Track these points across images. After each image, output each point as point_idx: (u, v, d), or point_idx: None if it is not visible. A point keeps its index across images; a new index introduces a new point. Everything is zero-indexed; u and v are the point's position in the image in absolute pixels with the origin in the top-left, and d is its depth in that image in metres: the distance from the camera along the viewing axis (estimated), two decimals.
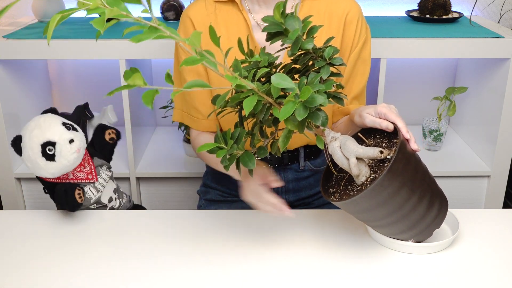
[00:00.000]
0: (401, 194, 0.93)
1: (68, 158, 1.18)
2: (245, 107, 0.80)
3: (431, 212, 0.99)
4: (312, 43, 0.92)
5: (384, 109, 1.01)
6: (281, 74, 0.82)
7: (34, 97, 2.02)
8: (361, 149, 0.92)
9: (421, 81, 2.19)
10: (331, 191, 1.02)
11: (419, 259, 1.04)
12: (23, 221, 1.20)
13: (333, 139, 0.95)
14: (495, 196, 1.95)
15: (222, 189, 1.43)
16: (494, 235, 1.12)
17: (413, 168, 0.95)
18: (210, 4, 1.26)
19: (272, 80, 0.81)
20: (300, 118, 0.81)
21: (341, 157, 0.93)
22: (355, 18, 1.25)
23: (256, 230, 1.14)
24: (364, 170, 0.94)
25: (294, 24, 0.92)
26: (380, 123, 1.00)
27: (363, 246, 1.08)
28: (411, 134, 0.98)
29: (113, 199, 1.30)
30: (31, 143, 1.16)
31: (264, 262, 1.04)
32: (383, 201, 0.92)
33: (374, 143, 1.02)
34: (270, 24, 0.93)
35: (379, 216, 0.96)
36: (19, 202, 1.94)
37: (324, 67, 0.94)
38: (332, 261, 1.04)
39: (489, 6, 2.12)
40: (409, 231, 1.01)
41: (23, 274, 1.02)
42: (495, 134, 1.85)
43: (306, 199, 1.41)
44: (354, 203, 0.93)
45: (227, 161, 0.91)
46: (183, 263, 1.04)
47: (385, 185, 0.90)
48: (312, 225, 1.15)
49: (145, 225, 1.18)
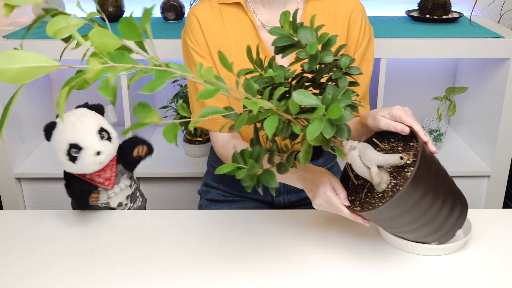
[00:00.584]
0: (426, 199, 0.91)
1: (88, 168, 1.15)
2: (266, 129, 0.75)
3: (454, 213, 0.98)
4: (331, 55, 0.87)
5: (399, 112, 0.99)
6: (303, 90, 0.78)
7: (34, 97, 2.02)
8: (381, 157, 0.90)
9: (421, 81, 2.19)
10: (350, 199, 1.00)
11: (428, 260, 1.03)
12: (23, 221, 1.20)
13: (351, 148, 0.92)
14: (495, 196, 1.95)
15: (223, 188, 1.43)
16: (495, 235, 1.12)
17: (435, 171, 0.94)
18: (215, 6, 1.25)
19: (294, 97, 0.77)
20: (329, 136, 0.77)
21: (361, 166, 0.91)
22: (359, 17, 1.25)
23: (257, 231, 1.14)
24: (385, 177, 0.92)
25: (308, 35, 0.87)
26: (396, 126, 0.97)
27: (371, 246, 1.08)
28: (428, 136, 0.96)
29: (123, 204, 1.27)
30: (60, 138, 1.14)
31: (265, 263, 1.04)
32: (408, 208, 0.91)
33: (389, 147, 1.00)
34: (280, 37, 0.88)
35: (404, 223, 0.95)
36: (19, 202, 1.94)
37: (341, 78, 0.90)
38: (338, 261, 1.04)
39: (489, 6, 2.12)
40: (433, 234, 1.00)
41: (23, 274, 1.02)
42: (495, 134, 1.85)
43: (308, 199, 1.41)
44: (379, 213, 0.91)
45: (248, 181, 0.86)
46: (183, 263, 1.04)
47: (410, 193, 0.89)
48: (315, 226, 1.15)
49: (145, 225, 1.18)
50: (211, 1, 1.26)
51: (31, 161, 1.95)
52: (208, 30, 1.24)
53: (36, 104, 2.02)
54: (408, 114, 0.99)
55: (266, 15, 1.25)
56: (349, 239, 1.10)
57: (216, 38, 1.24)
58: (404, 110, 1.00)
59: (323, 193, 1.00)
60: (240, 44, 1.24)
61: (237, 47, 1.24)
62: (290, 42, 0.88)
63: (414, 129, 0.96)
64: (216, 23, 1.24)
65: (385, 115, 1.01)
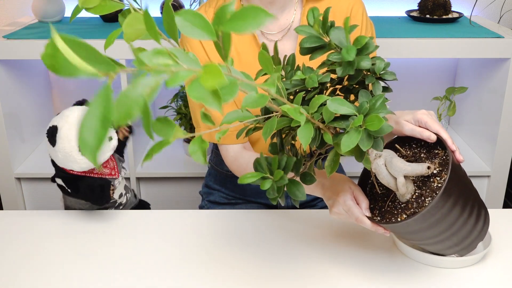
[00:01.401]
0: (454, 212, 0.87)
1: (105, 155, 1.19)
2: (301, 139, 0.68)
3: (477, 226, 0.93)
4: (369, 61, 0.79)
5: (425, 117, 0.93)
6: (338, 98, 0.72)
7: (34, 97, 2.02)
8: (409, 167, 0.86)
9: (421, 81, 2.19)
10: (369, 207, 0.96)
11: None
12: (23, 221, 1.20)
13: (377, 156, 0.87)
14: (495, 196, 1.95)
15: (225, 191, 1.42)
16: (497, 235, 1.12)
17: (463, 183, 0.89)
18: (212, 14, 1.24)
19: (328, 105, 0.70)
20: (365, 148, 0.71)
21: (387, 175, 0.86)
22: (359, 13, 1.23)
23: (257, 231, 1.14)
24: (410, 187, 0.89)
25: (341, 37, 0.80)
26: (421, 133, 0.92)
27: (380, 252, 1.07)
28: (456, 145, 0.91)
29: (123, 195, 1.30)
30: (69, 135, 1.16)
31: (267, 263, 1.04)
32: (435, 221, 0.87)
33: (411, 153, 0.95)
34: (309, 37, 0.81)
35: (428, 236, 0.91)
36: (19, 202, 1.94)
37: (375, 83, 0.82)
38: (345, 266, 1.04)
39: (489, 6, 2.12)
40: (455, 247, 0.96)
41: (23, 274, 1.02)
42: (495, 134, 1.85)
43: (311, 202, 1.41)
44: (405, 226, 0.87)
45: (274, 193, 0.78)
46: (183, 263, 1.04)
47: (440, 206, 0.85)
48: (319, 227, 1.15)
49: (145, 225, 1.17)
50: (208, 9, 1.25)
51: (31, 161, 1.95)
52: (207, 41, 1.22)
53: (36, 104, 2.02)
54: (434, 119, 0.94)
55: None
56: (357, 242, 1.10)
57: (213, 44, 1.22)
58: (430, 115, 0.95)
59: (343, 201, 0.94)
60: (239, 50, 1.22)
61: (236, 53, 1.23)
62: (321, 43, 0.81)
63: (442, 137, 0.91)
64: None
65: (409, 120, 0.95)
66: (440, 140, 0.92)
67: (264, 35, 1.23)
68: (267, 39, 1.22)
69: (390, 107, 0.95)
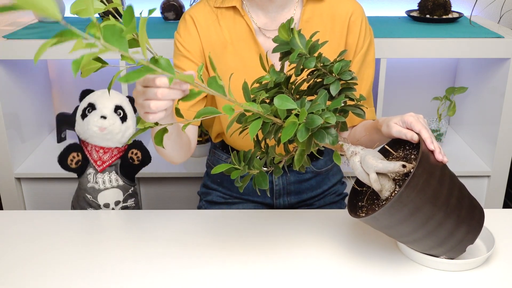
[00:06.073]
0: (424, 211, 0.88)
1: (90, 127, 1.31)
2: (250, 132, 0.81)
3: (460, 228, 0.93)
4: (313, 61, 0.91)
5: (410, 118, 0.97)
6: (283, 95, 0.83)
7: (34, 97, 2.01)
8: (380, 164, 0.89)
9: (421, 81, 2.19)
10: (360, 205, 0.99)
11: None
12: (23, 221, 1.20)
13: (353, 154, 0.91)
14: (495, 196, 1.94)
15: (223, 190, 1.42)
16: None
17: (437, 182, 0.89)
18: (212, 10, 1.24)
19: (275, 102, 0.82)
20: (302, 139, 0.81)
21: (361, 172, 0.91)
22: (358, 20, 1.24)
23: (256, 231, 1.14)
24: (387, 185, 0.91)
25: (297, 43, 0.92)
26: (406, 134, 0.96)
27: (377, 248, 1.08)
28: (437, 144, 0.93)
29: (109, 208, 1.36)
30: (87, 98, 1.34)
31: (265, 263, 1.04)
32: (403, 218, 0.88)
33: (403, 155, 0.97)
34: (280, 44, 0.94)
35: (403, 232, 0.93)
36: (19, 202, 1.94)
37: (334, 83, 0.91)
38: (343, 264, 1.04)
39: (489, 6, 2.12)
40: (439, 247, 0.96)
41: (22, 274, 1.02)
42: (495, 134, 1.85)
43: (308, 201, 1.41)
44: (374, 220, 0.90)
45: (240, 182, 0.95)
46: (182, 263, 1.04)
47: (404, 202, 0.86)
48: (316, 226, 1.15)
49: (145, 225, 1.17)
50: (207, 5, 1.25)
51: (31, 161, 1.95)
52: (204, 33, 1.23)
53: (36, 104, 2.02)
54: (419, 121, 0.96)
55: (263, 19, 1.25)
56: (357, 242, 1.10)
57: (212, 42, 1.23)
58: (417, 117, 0.98)
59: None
60: (237, 47, 1.23)
61: (234, 50, 1.23)
62: (288, 49, 0.93)
63: (422, 136, 0.93)
64: (212, 26, 1.24)
65: (397, 122, 0.99)
66: None
67: (262, 31, 1.24)
68: (265, 36, 1.24)
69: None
